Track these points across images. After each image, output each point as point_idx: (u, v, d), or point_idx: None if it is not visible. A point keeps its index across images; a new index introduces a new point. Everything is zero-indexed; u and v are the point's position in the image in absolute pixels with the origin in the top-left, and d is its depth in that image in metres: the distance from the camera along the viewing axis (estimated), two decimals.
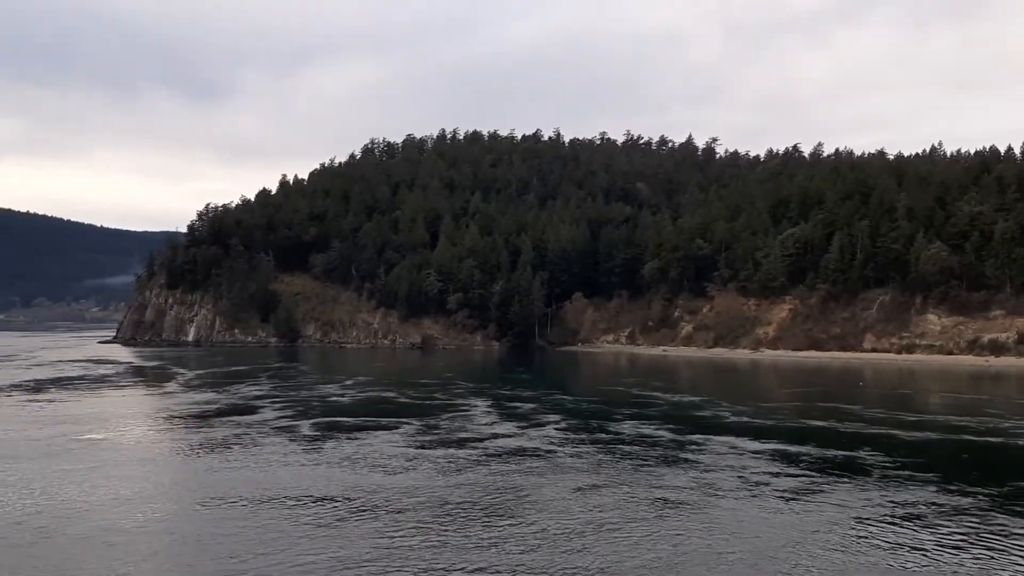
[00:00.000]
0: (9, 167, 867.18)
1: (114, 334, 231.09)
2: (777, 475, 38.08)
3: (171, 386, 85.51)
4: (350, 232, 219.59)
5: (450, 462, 40.39)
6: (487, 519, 29.49)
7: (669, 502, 32.41)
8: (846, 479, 37.17)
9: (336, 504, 31.66)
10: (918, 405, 74.99)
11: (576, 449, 45.50)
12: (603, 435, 50.91)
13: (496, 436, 49.86)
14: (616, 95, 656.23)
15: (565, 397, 77.08)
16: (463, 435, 50.08)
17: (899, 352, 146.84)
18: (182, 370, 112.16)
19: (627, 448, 45.88)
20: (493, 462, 40.65)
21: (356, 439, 48.07)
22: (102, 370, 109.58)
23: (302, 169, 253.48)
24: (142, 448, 45.21)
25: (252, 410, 62.19)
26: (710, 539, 27.26)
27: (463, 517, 29.70)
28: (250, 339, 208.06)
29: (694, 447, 46.33)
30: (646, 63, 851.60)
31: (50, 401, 69.34)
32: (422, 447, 45.45)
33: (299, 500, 32.23)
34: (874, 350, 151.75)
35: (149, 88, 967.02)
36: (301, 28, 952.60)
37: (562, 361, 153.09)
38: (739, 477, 37.49)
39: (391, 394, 78.21)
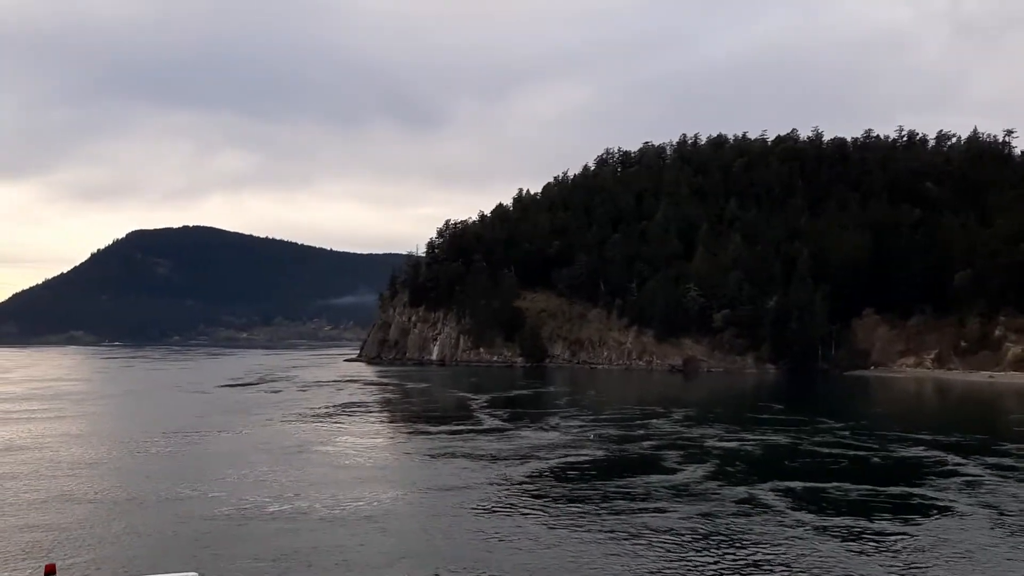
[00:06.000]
0: (249, 196, 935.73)
1: (357, 352, 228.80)
2: None
3: (485, 419, 71.31)
4: (595, 245, 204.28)
5: None
6: None
7: None
8: None
9: None
10: None
11: None
12: None
13: None
14: (833, 102, 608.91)
15: None
16: None
17: None
18: (465, 394, 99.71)
19: None
20: None
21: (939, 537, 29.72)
22: (387, 395, 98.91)
23: (517, 190, 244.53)
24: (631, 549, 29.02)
25: (649, 465, 45.77)
26: None
27: None
28: (495, 359, 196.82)
29: None
30: (865, 68, 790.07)
31: (379, 439, 56.51)
32: None
33: None
34: None
35: (371, 120, 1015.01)
36: (510, 54, 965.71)
37: (871, 389, 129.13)
38: None
39: (782, 438, 59.29)
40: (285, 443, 54.39)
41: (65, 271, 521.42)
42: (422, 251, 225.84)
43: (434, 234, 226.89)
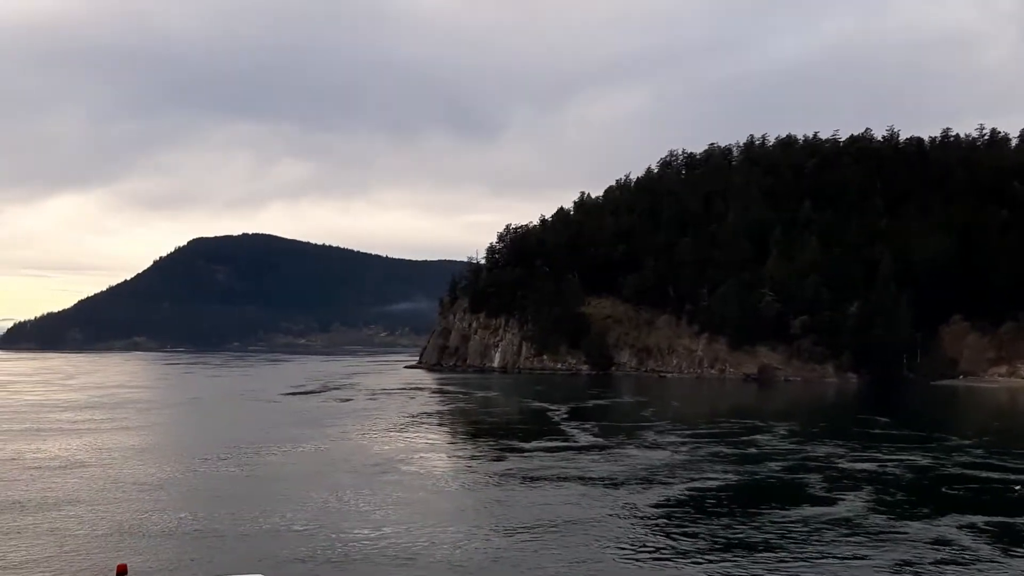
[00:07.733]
0: (307, 205, 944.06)
1: (417, 359, 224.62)
2: None
3: (576, 434, 65.79)
4: (662, 249, 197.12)
5: None
6: None
7: None
8: None
9: None
10: None
11: None
12: None
13: None
14: (900, 105, 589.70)
15: None
16: None
17: None
18: (540, 404, 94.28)
19: None
20: None
21: None
22: (458, 404, 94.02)
23: (579, 194, 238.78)
24: None
25: (795, 494, 39.84)
26: None
27: None
28: (559, 366, 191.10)
29: None
30: (933, 70, 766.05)
31: (469, 456, 51.42)
32: None
33: None
34: None
35: (426, 128, 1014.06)
36: (567, 61, 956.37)
37: (969, 400, 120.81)
38: None
39: (919, 458, 52.51)
40: (368, 461, 49.51)
41: (129, 278, 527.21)
42: (481, 257, 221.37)
43: (494, 239, 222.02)
